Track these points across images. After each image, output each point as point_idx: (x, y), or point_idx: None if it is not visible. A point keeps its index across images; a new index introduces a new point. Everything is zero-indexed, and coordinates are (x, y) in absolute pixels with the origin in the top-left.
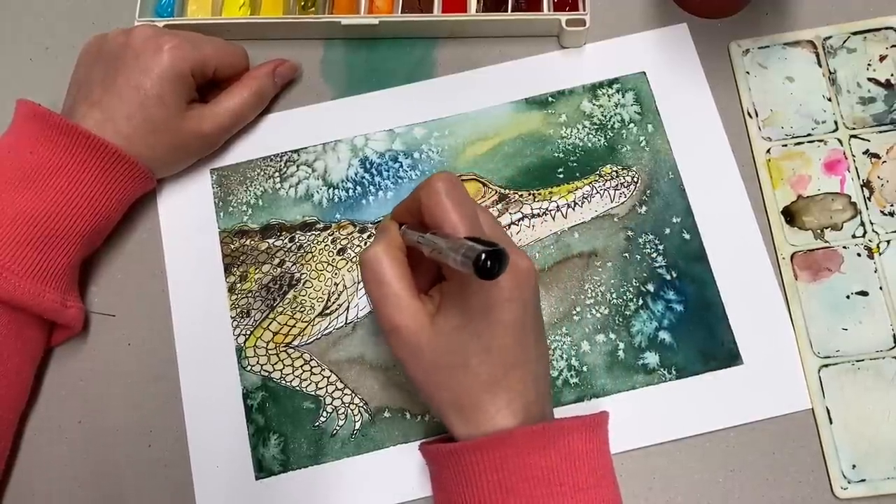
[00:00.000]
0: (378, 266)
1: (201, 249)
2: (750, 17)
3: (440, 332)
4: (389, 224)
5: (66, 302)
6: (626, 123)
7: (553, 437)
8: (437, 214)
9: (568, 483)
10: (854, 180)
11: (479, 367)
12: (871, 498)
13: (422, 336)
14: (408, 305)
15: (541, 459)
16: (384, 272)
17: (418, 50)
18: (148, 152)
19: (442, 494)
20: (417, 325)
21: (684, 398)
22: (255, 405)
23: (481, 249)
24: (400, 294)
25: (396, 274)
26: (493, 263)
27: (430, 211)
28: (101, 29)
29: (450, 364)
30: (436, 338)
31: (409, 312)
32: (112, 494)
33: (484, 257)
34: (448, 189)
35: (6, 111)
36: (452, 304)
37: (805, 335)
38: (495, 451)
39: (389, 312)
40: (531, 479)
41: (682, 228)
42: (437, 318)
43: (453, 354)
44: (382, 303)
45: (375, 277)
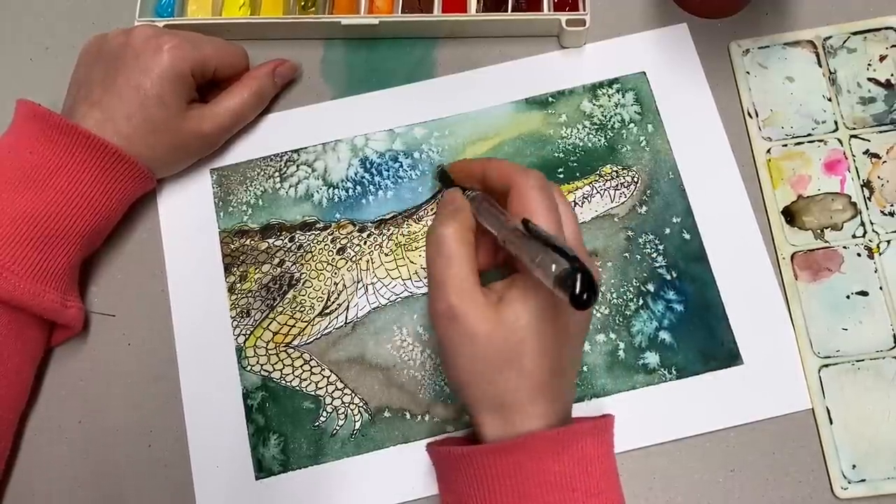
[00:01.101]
0: (447, 247)
1: (201, 249)
2: (750, 17)
3: (502, 325)
4: (462, 202)
5: (66, 302)
6: (626, 123)
7: (567, 442)
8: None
9: (580, 488)
10: (854, 180)
11: (532, 369)
12: (871, 498)
13: (481, 326)
14: (472, 291)
15: (555, 464)
16: (453, 254)
17: (418, 50)
18: (148, 152)
19: (452, 496)
20: (479, 313)
21: (684, 398)
22: (255, 405)
23: (579, 278)
24: (464, 279)
25: (465, 258)
26: (588, 294)
27: (522, 200)
28: (101, 29)
29: (505, 359)
30: (496, 330)
31: (473, 300)
32: (112, 494)
33: (580, 289)
34: (544, 185)
35: (6, 111)
36: (522, 299)
37: (805, 335)
38: (510, 456)
39: (450, 296)
40: (545, 483)
41: (682, 228)
42: (502, 311)
43: (510, 351)
44: (445, 285)
45: (442, 257)
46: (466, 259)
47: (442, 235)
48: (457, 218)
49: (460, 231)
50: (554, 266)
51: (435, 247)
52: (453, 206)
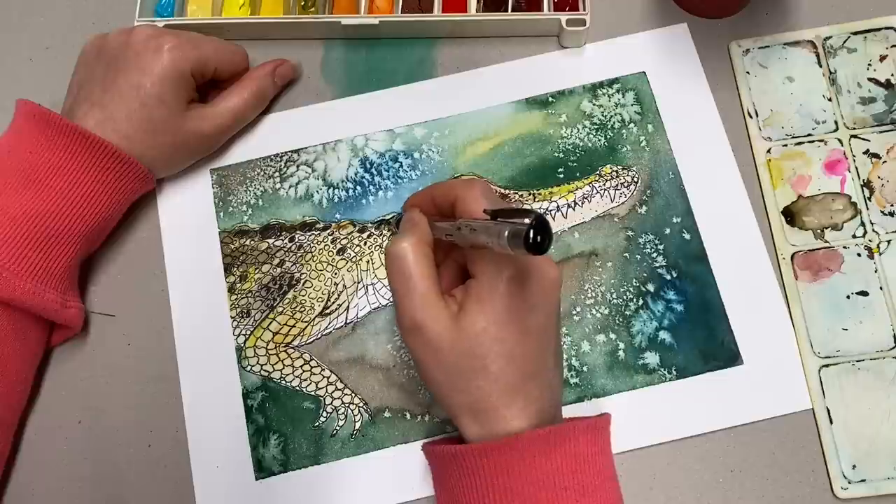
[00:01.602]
0: (405, 261)
1: (201, 249)
2: (750, 17)
3: (463, 334)
4: (419, 217)
5: (66, 302)
6: (627, 123)
7: (558, 441)
8: (471, 205)
9: (572, 486)
10: (854, 180)
11: (499, 373)
12: (871, 498)
13: (444, 337)
14: (433, 304)
15: (546, 463)
16: (411, 268)
17: (418, 50)
18: (148, 152)
19: (446, 495)
20: (441, 326)
21: (684, 398)
22: (254, 405)
23: (529, 224)
24: (425, 292)
25: (423, 271)
26: (542, 237)
27: (465, 202)
28: (101, 29)
29: (470, 367)
30: (458, 340)
31: (434, 312)
32: (112, 494)
33: (533, 233)
34: (486, 189)
35: (6, 111)
36: (477, 307)
37: (805, 335)
38: (501, 455)
39: (413, 310)
40: (536, 482)
41: (682, 228)
42: (461, 319)
43: (474, 358)
44: (406, 299)
45: (401, 273)
46: (424, 273)
47: (400, 249)
48: (414, 232)
49: (418, 244)
50: (508, 229)
51: (393, 262)
52: (410, 223)
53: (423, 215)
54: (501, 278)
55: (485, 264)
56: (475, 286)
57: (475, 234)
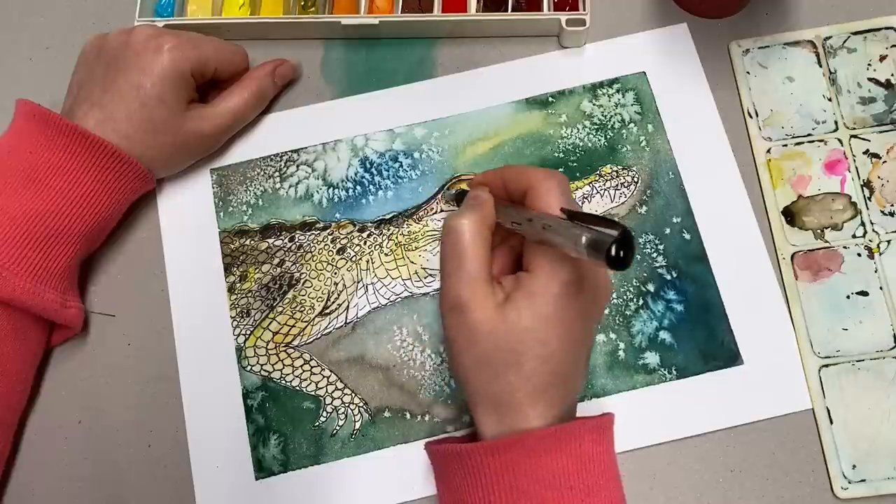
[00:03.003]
0: (461, 238)
1: (201, 249)
2: (750, 17)
3: (505, 326)
4: (486, 197)
5: (65, 302)
6: (627, 123)
7: (564, 440)
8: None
9: (578, 486)
10: (854, 180)
11: (531, 373)
12: (871, 498)
13: (485, 323)
14: (481, 288)
15: (552, 462)
16: (466, 246)
17: (418, 50)
18: (148, 152)
19: (450, 495)
20: (484, 311)
21: (684, 398)
22: (254, 405)
23: (616, 237)
24: (476, 274)
25: (478, 252)
26: (626, 252)
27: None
28: (101, 29)
29: (504, 360)
30: (499, 331)
31: (480, 295)
32: (112, 494)
33: (616, 246)
34: (564, 184)
35: (6, 111)
36: (527, 302)
37: (805, 335)
38: (507, 453)
39: (459, 288)
40: (541, 480)
41: (682, 228)
42: (507, 310)
43: (511, 353)
44: (454, 277)
45: (455, 249)
46: (480, 253)
47: (458, 226)
48: (476, 211)
49: (477, 224)
50: (587, 237)
51: (449, 237)
52: (476, 201)
53: (490, 196)
54: (558, 280)
55: (544, 261)
56: (528, 281)
57: (548, 232)
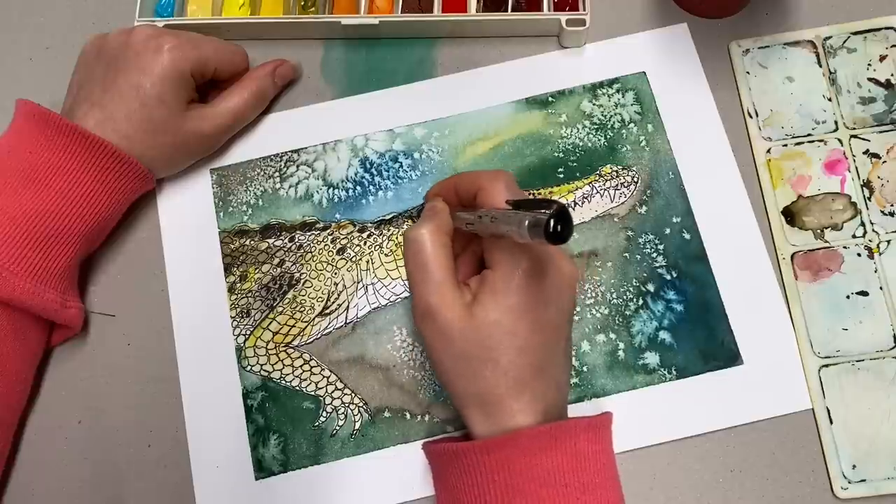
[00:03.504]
0: (422, 248)
1: (201, 249)
2: (750, 17)
3: (474, 322)
4: (441, 206)
5: (65, 302)
6: (626, 123)
7: (559, 438)
8: (495, 196)
9: (573, 483)
10: (854, 180)
11: (508, 366)
12: (871, 498)
13: (455, 324)
14: (447, 291)
15: (546, 460)
16: (427, 255)
17: (418, 50)
18: (148, 152)
19: (446, 494)
20: (453, 313)
21: (684, 398)
22: (254, 405)
23: (550, 214)
24: (440, 279)
25: (440, 259)
26: (562, 226)
27: (489, 192)
28: (101, 29)
29: (479, 357)
30: (469, 328)
31: (447, 299)
32: (112, 494)
33: (553, 222)
34: (510, 180)
35: (6, 111)
36: (491, 297)
37: (805, 335)
38: (501, 452)
39: (427, 296)
40: (537, 479)
41: (682, 228)
42: (474, 309)
43: (484, 348)
44: (421, 285)
45: (418, 259)
46: (441, 259)
47: (418, 235)
48: (433, 220)
49: (436, 232)
50: (529, 218)
51: (410, 248)
52: (432, 211)
53: (445, 204)
54: (518, 270)
55: (502, 255)
56: (490, 277)
57: (496, 223)
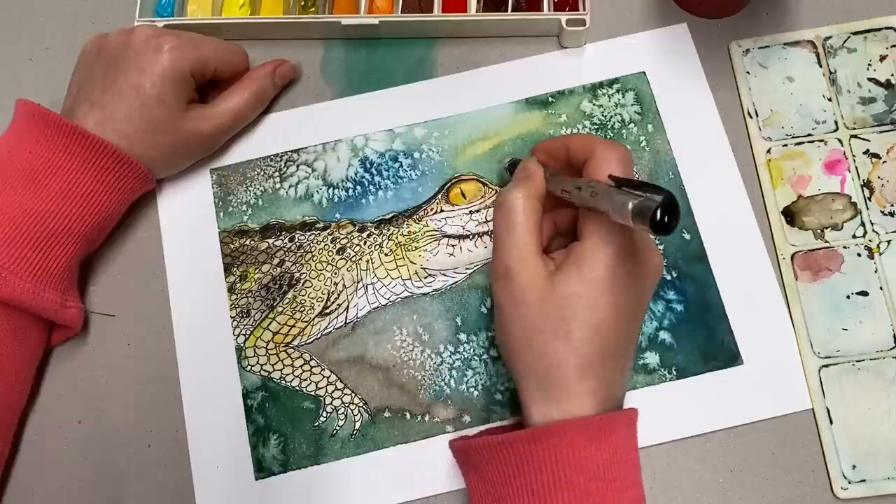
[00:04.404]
0: (514, 212)
1: (201, 249)
2: (750, 17)
3: (554, 292)
4: (535, 168)
5: (65, 302)
6: (627, 123)
7: (606, 431)
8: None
9: (619, 478)
10: (854, 180)
11: (580, 342)
12: (871, 498)
13: (535, 290)
14: (530, 256)
15: (596, 453)
16: (517, 219)
17: (418, 50)
18: (148, 152)
19: (485, 488)
20: (534, 278)
21: (684, 398)
22: (254, 405)
23: (660, 202)
24: (525, 244)
25: (529, 224)
26: (670, 217)
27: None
28: (101, 29)
29: (553, 330)
30: (548, 298)
31: (530, 264)
32: (112, 495)
33: (661, 211)
34: (625, 155)
35: (6, 111)
36: (576, 269)
37: (805, 335)
38: (549, 441)
39: (509, 258)
40: (586, 472)
41: (682, 228)
42: (556, 279)
43: (560, 320)
44: (505, 248)
45: (507, 222)
46: (531, 225)
47: (510, 199)
48: (527, 184)
49: (529, 197)
50: (633, 202)
51: (501, 210)
52: (526, 173)
53: (540, 167)
54: (608, 248)
55: (595, 230)
56: (579, 248)
57: (596, 198)
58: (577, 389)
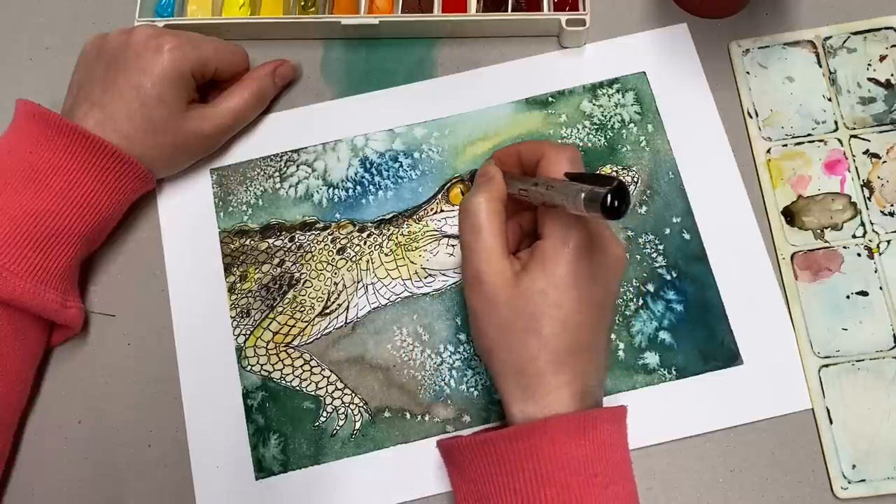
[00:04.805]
0: (477, 216)
1: (201, 249)
2: (750, 17)
3: (520, 290)
4: (495, 172)
5: (66, 302)
6: (626, 123)
7: (587, 427)
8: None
9: (601, 474)
10: (854, 180)
11: (551, 337)
12: (871, 498)
13: (502, 292)
14: (497, 260)
15: (576, 448)
16: (482, 223)
17: (418, 50)
18: (148, 152)
19: (469, 487)
20: (501, 280)
21: (684, 398)
22: (255, 405)
23: (608, 189)
24: (491, 248)
25: (493, 227)
26: (619, 202)
27: (551, 162)
28: (101, 29)
29: (524, 327)
30: (516, 297)
31: (497, 267)
32: (112, 495)
33: (611, 197)
34: (574, 154)
35: (6, 111)
36: (540, 267)
37: (805, 335)
38: (530, 439)
39: (478, 263)
40: (567, 467)
41: (682, 228)
42: (522, 278)
43: (529, 318)
44: (473, 253)
45: (472, 227)
46: (495, 228)
47: (473, 205)
48: (488, 187)
49: (491, 201)
50: (586, 192)
51: (466, 216)
52: (486, 177)
53: (499, 170)
54: (568, 244)
55: (554, 227)
56: (541, 247)
57: (551, 192)
58: (552, 383)
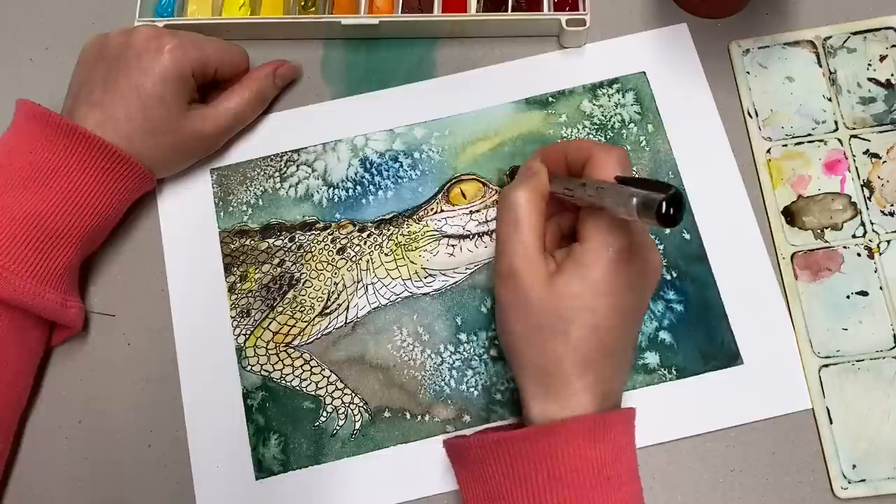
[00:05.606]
0: (517, 209)
1: (201, 249)
2: (750, 17)
3: (554, 291)
4: (539, 167)
5: (66, 302)
6: (627, 123)
7: (602, 429)
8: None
9: (615, 476)
10: (854, 180)
11: (579, 342)
12: (871, 498)
13: (536, 290)
14: (533, 256)
15: (592, 451)
16: (521, 217)
17: (418, 50)
18: (148, 152)
19: (481, 486)
20: (535, 278)
21: (684, 398)
22: (255, 405)
23: (665, 195)
24: (528, 243)
25: (533, 222)
26: (675, 210)
27: (600, 164)
28: (101, 29)
29: (552, 329)
30: (549, 297)
31: (532, 264)
32: (112, 495)
33: (666, 205)
34: (623, 156)
35: (6, 111)
36: (576, 270)
37: (805, 335)
38: (548, 439)
39: (513, 257)
40: (581, 469)
41: (682, 228)
42: (556, 279)
43: (559, 319)
44: (509, 247)
45: (511, 220)
46: (533, 224)
47: (514, 198)
48: (531, 183)
49: (532, 197)
50: (638, 196)
51: (505, 209)
52: (530, 172)
53: (543, 166)
54: (609, 249)
55: (596, 230)
56: (579, 249)
57: (600, 195)
58: (575, 385)
